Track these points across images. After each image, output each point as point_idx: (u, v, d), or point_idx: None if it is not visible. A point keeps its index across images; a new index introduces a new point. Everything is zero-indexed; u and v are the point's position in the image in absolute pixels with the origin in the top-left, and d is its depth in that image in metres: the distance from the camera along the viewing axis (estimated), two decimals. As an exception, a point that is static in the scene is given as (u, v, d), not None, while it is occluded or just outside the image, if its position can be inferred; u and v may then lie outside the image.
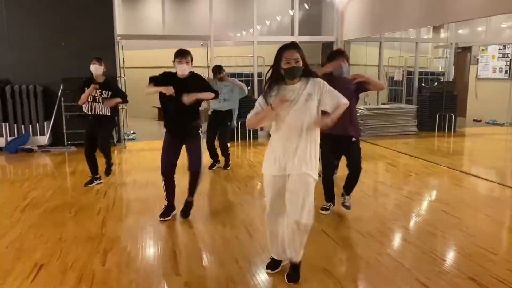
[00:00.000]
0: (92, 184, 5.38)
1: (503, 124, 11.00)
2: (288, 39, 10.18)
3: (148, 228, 3.97)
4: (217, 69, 6.22)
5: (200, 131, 4.22)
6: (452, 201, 4.74)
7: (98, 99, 5.21)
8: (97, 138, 5.32)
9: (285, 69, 2.72)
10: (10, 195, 5.11)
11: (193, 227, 4.00)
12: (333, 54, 4.06)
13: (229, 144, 6.46)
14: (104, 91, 5.22)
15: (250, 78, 9.64)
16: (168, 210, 4.21)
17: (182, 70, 3.95)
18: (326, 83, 2.81)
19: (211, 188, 5.51)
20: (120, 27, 8.97)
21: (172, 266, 3.18)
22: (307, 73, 2.79)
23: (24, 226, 4.02)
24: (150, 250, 3.54)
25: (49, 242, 3.62)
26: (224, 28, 10.76)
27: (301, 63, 2.71)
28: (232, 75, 9.65)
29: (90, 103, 5.22)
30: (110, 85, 5.39)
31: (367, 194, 5.05)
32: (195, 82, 4.07)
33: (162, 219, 4.12)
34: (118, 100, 5.33)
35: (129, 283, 2.93)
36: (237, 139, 8.67)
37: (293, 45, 2.77)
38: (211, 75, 6.48)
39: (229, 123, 6.36)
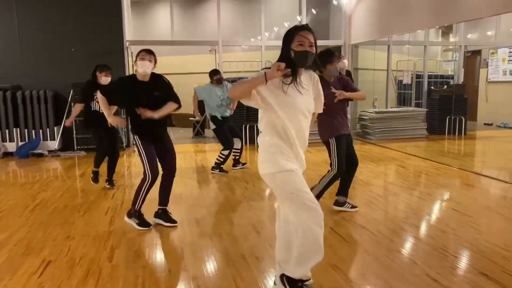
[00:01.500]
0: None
1: (515, 127, 10.87)
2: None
3: (155, 227, 3.95)
4: (212, 73, 6.25)
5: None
6: (463, 200, 4.67)
7: None
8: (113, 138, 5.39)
9: (297, 52, 2.34)
10: (20, 196, 5.14)
11: (200, 226, 3.97)
12: (328, 57, 3.97)
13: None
14: None
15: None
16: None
17: (145, 67, 3.68)
18: (319, 80, 2.59)
19: (219, 188, 5.49)
20: (129, 33, 9.07)
21: (179, 263, 3.16)
22: (313, 64, 2.48)
23: (33, 224, 4.04)
24: (157, 247, 3.52)
25: (57, 240, 3.63)
26: (232, 33, 10.83)
27: (314, 49, 2.38)
28: (241, 79, 9.74)
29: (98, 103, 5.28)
30: None
31: (378, 194, 4.99)
32: (159, 86, 3.82)
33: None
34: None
35: (136, 278, 2.91)
36: (246, 143, 8.66)
37: (308, 27, 2.40)
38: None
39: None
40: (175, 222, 3.95)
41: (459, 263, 3.06)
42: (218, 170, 6.24)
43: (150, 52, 3.76)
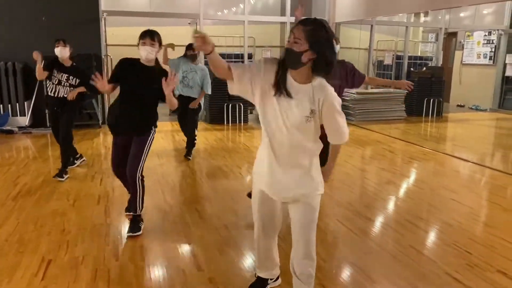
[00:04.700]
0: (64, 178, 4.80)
1: (486, 109, 11.20)
2: (280, 19, 9.97)
3: (155, 218, 3.75)
4: (189, 46, 5.66)
5: (153, 130, 3.46)
6: (459, 189, 4.74)
7: (64, 83, 4.78)
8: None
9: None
10: (-3, 181, 4.77)
11: (203, 219, 3.81)
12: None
13: (196, 132, 6.11)
14: (71, 77, 4.77)
15: (240, 60, 9.39)
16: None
17: (146, 52, 3.24)
18: (333, 93, 2.03)
19: (212, 175, 5.30)
20: (105, 2, 8.49)
21: (192, 260, 3.00)
22: (319, 69, 1.99)
23: (21, 215, 3.73)
24: (164, 244, 3.31)
25: (52, 234, 3.37)
26: (214, 6, 10.40)
27: (298, 46, 1.92)
28: (222, 56, 9.37)
29: (54, 85, 4.80)
30: (78, 71, 4.83)
31: (373, 181, 4.98)
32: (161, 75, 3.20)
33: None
34: (81, 89, 4.76)
35: (149, 279, 2.74)
36: (227, 123, 8.46)
37: (303, 21, 1.97)
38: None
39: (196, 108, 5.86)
40: (135, 232, 3.38)
41: (474, 260, 3.07)
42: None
43: (151, 34, 3.30)
